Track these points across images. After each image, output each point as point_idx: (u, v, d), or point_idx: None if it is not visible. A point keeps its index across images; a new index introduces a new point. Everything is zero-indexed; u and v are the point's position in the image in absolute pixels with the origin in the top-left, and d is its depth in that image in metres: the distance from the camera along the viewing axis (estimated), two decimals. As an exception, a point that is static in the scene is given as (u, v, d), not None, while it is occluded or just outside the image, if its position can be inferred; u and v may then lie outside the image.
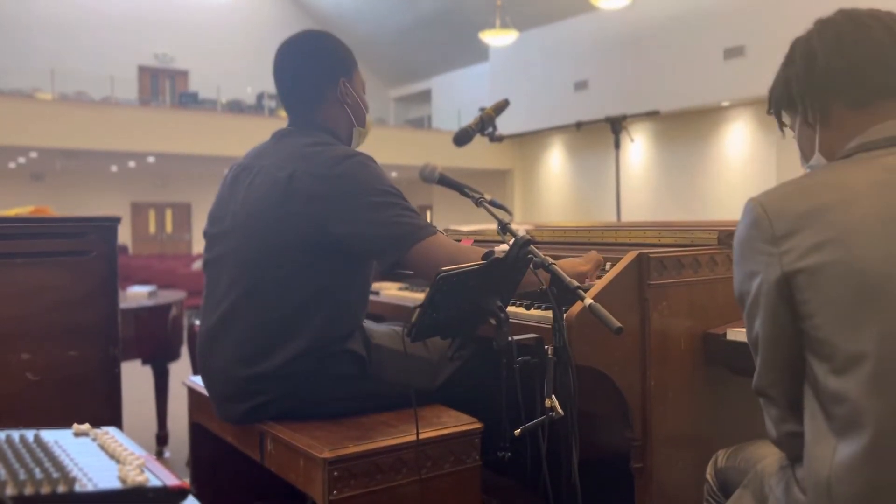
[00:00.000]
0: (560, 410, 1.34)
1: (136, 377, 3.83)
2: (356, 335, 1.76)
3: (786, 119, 1.27)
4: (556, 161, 17.10)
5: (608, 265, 1.81)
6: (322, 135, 1.79)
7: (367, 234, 1.64)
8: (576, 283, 1.38)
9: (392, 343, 1.80)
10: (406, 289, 2.33)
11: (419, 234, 1.65)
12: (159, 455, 3.71)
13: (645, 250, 1.67)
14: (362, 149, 1.85)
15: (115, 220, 2.07)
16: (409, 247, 1.64)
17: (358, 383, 1.74)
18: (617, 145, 3.60)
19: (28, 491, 0.68)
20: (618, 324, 1.30)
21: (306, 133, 1.79)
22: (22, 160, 15.84)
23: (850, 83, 1.15)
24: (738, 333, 1.65)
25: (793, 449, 1.14)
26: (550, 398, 1.34)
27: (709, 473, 1.42)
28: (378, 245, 1.65)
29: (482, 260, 1.46)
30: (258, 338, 1.68)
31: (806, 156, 1.25)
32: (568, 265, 1.73)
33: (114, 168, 17.72)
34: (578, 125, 3.66)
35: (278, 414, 1.72)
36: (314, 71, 1.82)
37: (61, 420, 1.07)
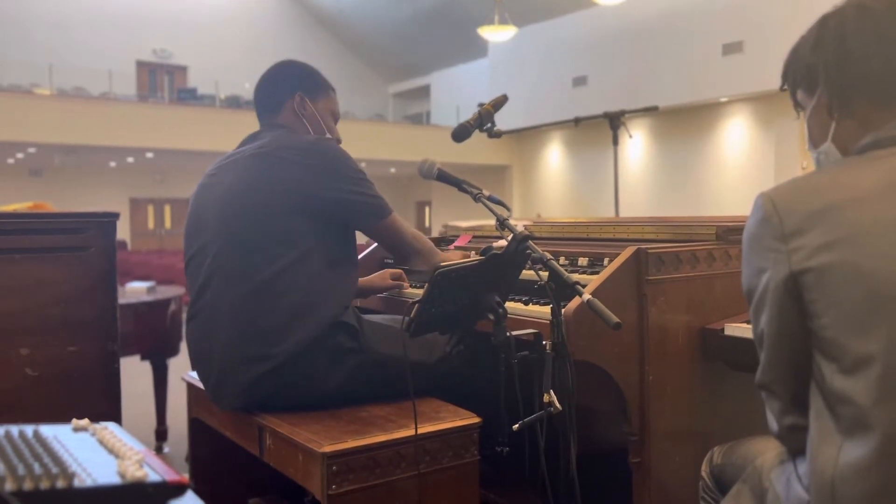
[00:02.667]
0: (558, 405, 1.34)
1: (135, 373, 3.83)
2: (348, 311, 1.80)
3: (800, 97, 1.23)
4: (554, 157, 17.09)
5: (606, 260, 1.82)
6: (284, 130, 1.95)
7: (349, 199, 1.82)
8: (574, 279, 1.38)
9: (385, 321, 1.88)
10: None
11: (387, 210, 1.90)
12: (159, 450, 3.71)
13: (643, 246, 1.67)
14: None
15: (114, 216, 2.06)
16: (381, 219, 1.88)
17: (354, 356, 1.76)
18: (615, 141, 3.59)
19: (27, 486, 0.68)
20: (616, 319, 1.30)
21: (270, 130, 1.95)
22: (20, 156, 15.81)
23: (885, 83, 1.11)
24: (735, 329, 1.66)
25: (794, 442, 1.14)
26: (549, 393, 1.35)
27: (704, 471, 1.41)
28: (358, 210, 1.85)
29: (480, 255, 1.46)
30: (246, 305, 1.73)
31: (815, 141, 1.22)
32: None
33: (112, 164, 17.70)
34: (577, 121, 3.65)
35: (275, 390, 1.72)
36: (273, 82, 2.02)
37: (60, 415, 1.07)
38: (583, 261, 1.93)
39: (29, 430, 0.86)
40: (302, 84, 2.01)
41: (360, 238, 1.97)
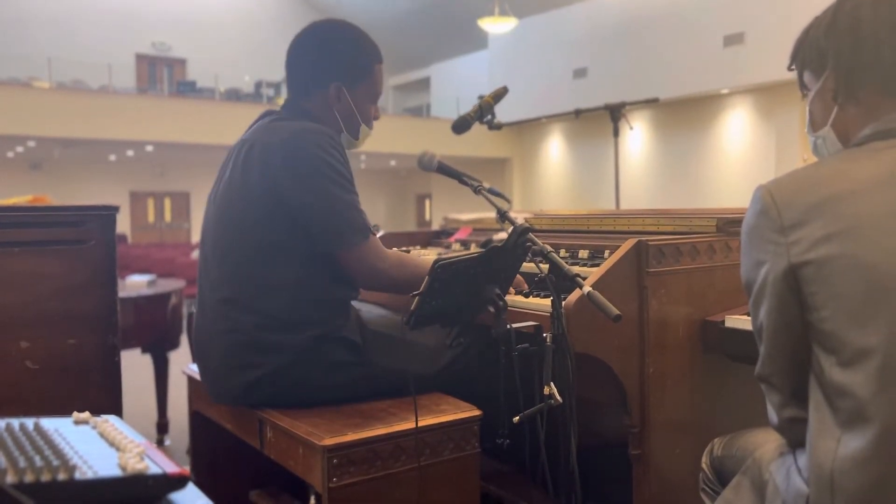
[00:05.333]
0: (558, 397, 1.34)
1: (136, 366, 3.84)
2: (349, 320, 1.76)
3: (806, 79, 1.22)
4: (554, 149, 17.07)
5: (606, 253, 1.81)
6: (303, 120, 1.77)
7: (315, 209, 1.64)
8: (574, 271, 1.38)
9: (389, 329, 1.80)
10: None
11: (355, 238, 1.65)
12: (160, 443, 3.72)
13: (643, 238, 1.67)
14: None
15: (114, 209, 2.06)
16: (344, 248, 1.65)
17: (355, 369, 1.74)
18: (616, 133, 3.59)
19: (28, 478, 0.68)
20: (616, 311, 1.30)
21: (288, 116, 1.81)
22: (20, 149, 15.79)
23: (894, 72, 1.10)
24: (736, 321, 1.66)
25: (794, 434, 1.14)
26: (549, 385, 1.35)
27: (704, 462, 1.42)
28: (320, 228, 1.65)
29: (481, 248, 1.46)
30: (230, 313, 1.69)
31: (815, 124, 1.21)
32: None
33: (112, 157, 17.67)
34: (577, 113, 3.64)
35: (274, 394, 1.71)
36: (312, 63, 1.82)
37: (61, 408, 1.07)
38: (583, 253, 1.93)
39: (30, 423, 0.86)
40: (342, 71, 1.80)
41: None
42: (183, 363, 2.48)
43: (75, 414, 0.93)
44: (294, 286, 1.67)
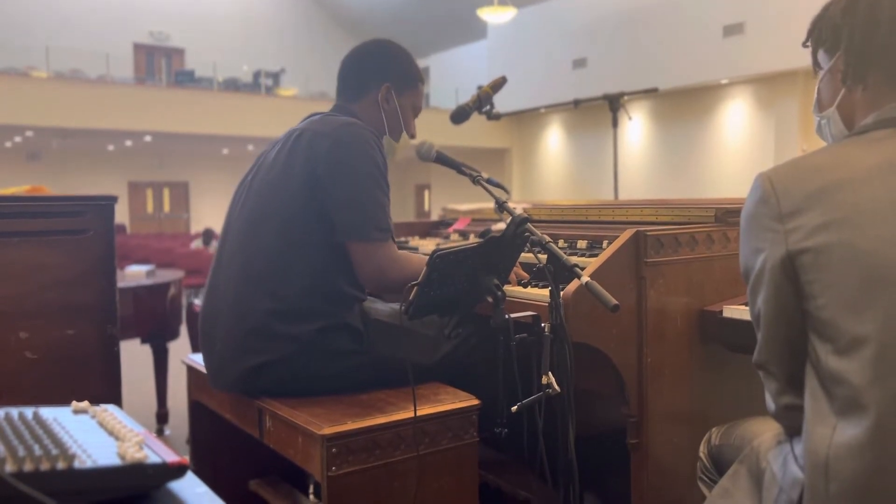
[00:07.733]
0: (557, 387, 1.35)
1: (135, 356, 3.85)
2: (353, 310, 1.77)
3: (819, 57, 1.22)
4: (554, 139, 17.04)
5: (605, 243, 1.81)
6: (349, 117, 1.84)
7: (345, 197, 1.68)
8: (573, 262, 1.38)
9: (390, 319, 1.81)
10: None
11: (373, 235, 1.68)
12: (160, 433, 3.74)
13: (642, 228, 1.67)
14: None
15: (112, 199, 2.06)
16: (359, 239, 1.69)
17: (355, 358, 1.75)
18: (615, 123, 3.58)
19: (27, 467, 0.68)
20: (614, 301, 1.30)
21: (335, 114, 1.87)
22: (18, 139, 15.75)
23: None
24: (734, 311, 1.66)
25: (790, 421, 1.15)
26: (547, 375, 1.35)
27: (702, 451, 1.42)
28: (342, 217, 1.69)
29: (479, 238, 1.46)
30: (243, 297, 1.72)
31: (822, 104, 1.22)
32: None
33: (110, 147, 17.63)
34: (576, 103, 3.63)
35: (275, 381, 1.72)
36: (364, 65, 1.92)
37: (60, 399, 1.07)
38: (582, 243, 1.93)
39: (29, 412, 0.86)
40: (394, 74, 1.91)
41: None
42: (182, 353, 2.49)
43: (74, 403, 0.93)
44: (311, 275, 1.70)
